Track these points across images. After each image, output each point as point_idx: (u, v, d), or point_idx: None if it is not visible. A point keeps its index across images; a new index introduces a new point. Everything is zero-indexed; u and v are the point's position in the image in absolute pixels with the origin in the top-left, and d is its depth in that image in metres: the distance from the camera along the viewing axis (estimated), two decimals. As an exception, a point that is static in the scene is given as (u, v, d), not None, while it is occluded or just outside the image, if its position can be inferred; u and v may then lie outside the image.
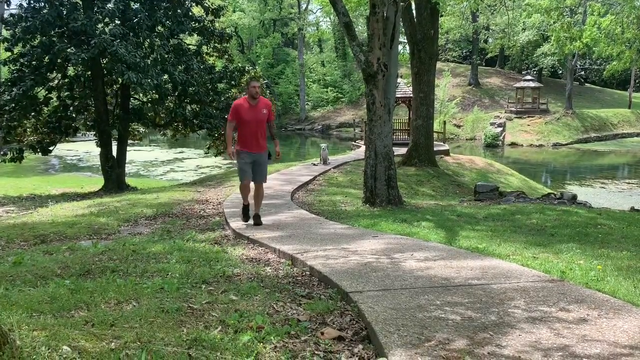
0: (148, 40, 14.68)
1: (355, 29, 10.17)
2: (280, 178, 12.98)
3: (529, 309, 2.78)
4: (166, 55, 14.74)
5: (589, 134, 40.22)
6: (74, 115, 16.13)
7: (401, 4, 9.31)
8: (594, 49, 19.43)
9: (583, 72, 52.66)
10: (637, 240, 5.65)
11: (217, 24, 17.69)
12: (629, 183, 20.09)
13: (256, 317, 2.78)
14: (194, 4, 16.50)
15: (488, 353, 2.21)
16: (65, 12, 14.01)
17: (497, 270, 3.67)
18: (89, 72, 15.36)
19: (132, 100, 16.90)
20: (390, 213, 7.78)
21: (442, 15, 22.22)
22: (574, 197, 10.66)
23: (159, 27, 15.43)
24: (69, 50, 13.54)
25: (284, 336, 2.59)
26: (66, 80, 15.76)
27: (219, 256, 4.74)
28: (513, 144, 38.96)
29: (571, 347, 2.26)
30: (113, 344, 2.28)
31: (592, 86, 53.81)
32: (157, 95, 15.09)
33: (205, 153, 19.80)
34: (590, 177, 25.05)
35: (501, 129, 39.56)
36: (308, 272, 4.06)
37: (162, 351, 2.24)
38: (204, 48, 17.13)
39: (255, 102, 6.39)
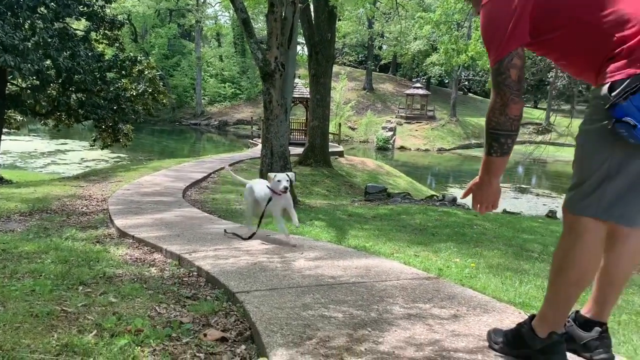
0: (29, 21, 13.56)
1: (255, 27, 10.09)
2: (170, 175, 12.59)
3: (406, 306, 2.93)
4: (50, 40, 13.69)
5: (470, 141, 43.28)
6: (-63, 98, 14.49)
7: (299, 5, 9.40)
8: (477, 62, 20.91)
9: (467, 83, 56.48)
10: (507, 240, 6.17)
11: (108, 10, 16.80)
12: (503, 187, 21.93)
13: (135, 320, 2.67)
14: (82, -14, 15.51)
15: (365, 349, 2.30)
16: None
17: (380, 268, 3.82)
18: (-42, 52, 13.87)
19: (9, 86, 15.53)
20: (283, 212, 7.83)
21: (339, 20, 22.69)
22: (454, 199, 11.41)
23: (42, 9, 14.31)
24: None
25: (165, 339, 2.52)
26: None
27: (100, 256, 4.50)
28: (402, 148, 40.89)
29: (441, 342, 2.42)
30: (-31, 353, 2.08)
31: (475, 96, 57.92)
32: (38, 82, 13.99)
33: (91, 145, 18.63)
34: (470, 180, 26.89)
35: (392, 133, 41.37)
36: (195, 273, 3.97)
37: (26, 359, 2.08)
38: (93, 34, 16.19)
39: None
